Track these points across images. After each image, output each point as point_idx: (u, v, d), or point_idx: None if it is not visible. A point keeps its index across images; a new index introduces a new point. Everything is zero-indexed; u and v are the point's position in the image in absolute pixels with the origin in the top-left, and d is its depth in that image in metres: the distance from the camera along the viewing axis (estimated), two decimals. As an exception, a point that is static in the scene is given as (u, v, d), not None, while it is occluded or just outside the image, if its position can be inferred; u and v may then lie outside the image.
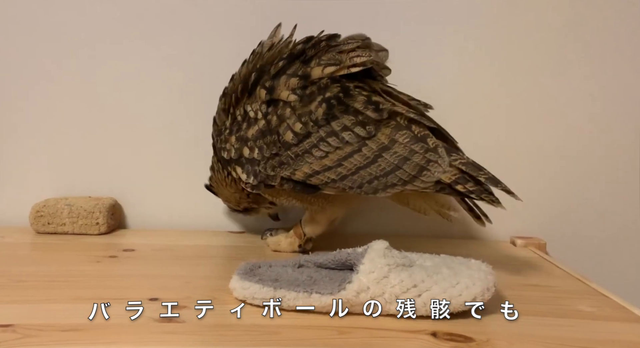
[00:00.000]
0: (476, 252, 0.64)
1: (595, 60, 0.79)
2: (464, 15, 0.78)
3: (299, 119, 0.57)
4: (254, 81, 0.60)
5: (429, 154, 0.55)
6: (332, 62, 0.58)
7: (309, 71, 0.58)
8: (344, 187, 0.57)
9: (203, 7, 0.77)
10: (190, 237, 0.75)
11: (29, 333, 0.41)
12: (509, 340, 0.43)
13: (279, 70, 0.59)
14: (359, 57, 0.58)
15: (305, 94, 0.57)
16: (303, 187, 0.59)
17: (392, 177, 0.56)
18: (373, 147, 0.56)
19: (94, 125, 0.79)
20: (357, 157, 0.56)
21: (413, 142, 0.56)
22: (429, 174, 0.55)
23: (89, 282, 0.54)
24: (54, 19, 0.77)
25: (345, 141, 0.56)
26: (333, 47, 0.59)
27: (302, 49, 0.59)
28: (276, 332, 0.43)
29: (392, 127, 0.56)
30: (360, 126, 0.56)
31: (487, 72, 0.79)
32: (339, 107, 0.56)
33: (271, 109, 0.59)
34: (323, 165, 0.57)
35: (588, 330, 0.46)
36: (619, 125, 0.80)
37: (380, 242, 0.50)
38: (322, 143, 0.56)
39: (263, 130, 0.59)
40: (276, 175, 0.59)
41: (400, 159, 0.55)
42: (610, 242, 0.82)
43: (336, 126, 0.56)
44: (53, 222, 0.73)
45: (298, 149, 0.57)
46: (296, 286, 0.48)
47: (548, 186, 0.81)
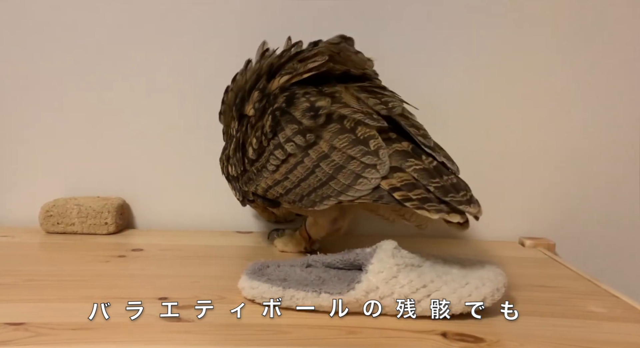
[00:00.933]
0: (485, 253, 0.64)
1: (603, 59, 0.78)
2: (465, 16, 0.77)
3: (254, 133, 0.57)
4: (232, 103, 0.62)
5: (366, 158, 0.51)
6: (289, 71, 0.57)
7: (268, 84, 0.58)
8: (289, 201, 0.57)
9: (211, 10, 0.77)
10: (198, 237, 0.75)
11: (41, 332, 0.41)
12: (519, 341, 0.42)
13: (250, 86, 0.59)
14: (314, 62, 0.56)
15: (260, 108, 0.57)
16: (266, 201, 0.60)
17: (326, 188, 0.53)
18: (313, 157, 0.53)
19: (103, 127, 0.80)
20: (300, 169, 0.54)
21: (351, 146, 0.52)
22: (365, 181, 0.51)
23: (98, 282, 0.54)
24: (64, 21, 0.77)
25: (289, 153, 0.54)
26: (297, 55, 0.58)
27: (270, 63, 0.59)
28: (285, 332, 0.43)
29: (333, 132, 0.53)
30: (300, 135, 0.53)
31: (493, 72, 0.79)
32: (283, 118, 0.54)
33: (240, 125, 0.60)
34: (274, 179, 0.56)
35: (599, 331, 0.46)
36: (628, 125, 0.79)
37: (389, 242, 0.49)
38: (272, 156, 0.56)
39: (235, 148, 0.60)
40: (248, 190, 0.60)
41: (335, 167, 0.52)
42: (620, 242, 0.81)
43: (281, 138, 0.55)
44: (62, 222, 0.74)
45: (258, 164, 0.57)
46: (305, 286, 0.48)
47: (557, 187, 0.81)
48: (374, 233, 0.80)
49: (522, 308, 0.50)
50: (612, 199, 0.81)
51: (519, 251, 0.74)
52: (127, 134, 0.80)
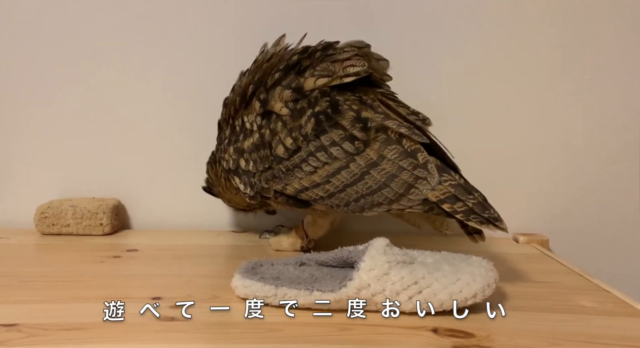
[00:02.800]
0: (478, 249, 0.64)
1: (598, 58, 0.78)
2: (464, 17, 0.78)
3: (289, 133, 0.56)
4: (251, 93, 0.60)
5: (417, 171, 0.54)
6: (325, 73, 0.57)
7: (302, 82, 0.57)
8: (331, 205, 0.57)
9: (206, 10, 0.77)
10: (192, 236, 0.75)
11: (34, 333, 0.41)
12: (509, 336, 0.43)
13: (274, 81, 0.58)
14: (352, 66, 0.57)
15: (296, 108, 0.57)
16: (295, 202, 0.60)
17: (378, 196, 0.55)
18: (361, 164, 0.54)
19: (98, 127, 0.80)
20: (344, 174, 0.55)
21: (402, 157, 0.54)
22: (417, 191, 0.54)
23: (93, 282, 0.55)
24: (59, 22, 0.77)
25: (334, 156, 0.55)
26: (328, 56, 0.58)
27: (298, 59, 0.58)
28: (278, 329, 0.43)
29: (381, 142, 0.54)
30: (348, 142, 0.54)
31: (489, 71, 0.79)
32: (327, 123, 0.55)
33: (264, 122, 0.58)
34: (312, 181, 0.57)
35: (590, 326, 0.46)
36: (622, 122, 0.80)
37: (381, 240, 0.50)
38: (311, 158, 0.56)
39: (257, 144, 0.59)
40: (270, 188, 0.59)
41: (387, 176, 0.54)
42: (613, 238, 0.82)
43: (325, 141, 0.55)
44: (57, 223, 0.74)
45: (289, 163, 0.57)
46: (297, 284, 0.48)
47: (550, 183, 0.81)
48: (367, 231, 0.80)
49: (514, 304, 0.50)
50: (606, 195, 0.81)
51: (513, 247, 0.75)
52: (122, 135, 0.80)
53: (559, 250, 0.78)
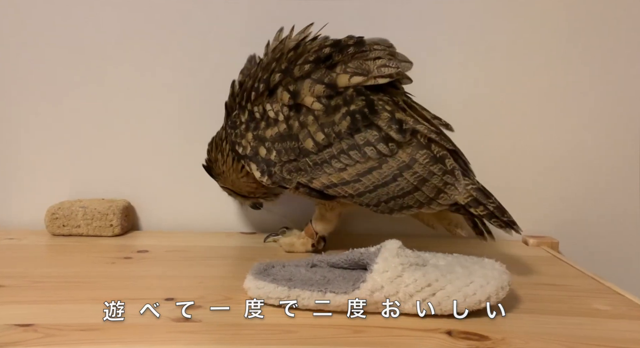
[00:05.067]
0: (489, 251, 0.64)
1: (612, 58, 0.78)
2: (470, 15, 0.78)
3: (321, 128, 0.56)
4: (277, 81, 0.59)
5: (446, 177, 0.55)
6: (359, 71, 0.57)
7: (335, 78, 0.57)
8: (360, 203, 0.58)
9: (212, 11, 0.78)
10: (203, 238, 0.76)
11: (50, 333, 0.41)
12: (523, 339, 0.43)
13: (303, 73, 0.58)
14: (386, 67, 0.57)
15: (330, 105, 0.56)
16: (319, 195, 0.60)
17: (409, 198, 0.56)
18: (393, 165, 0.55)
19: (108, 129, 0.80)
20: (376, 174, 0.56)
21: (432, 162, 0.55)
22: (445, 196, 0.55)
23: (105, 283, 0.55)
24: (69, 24, 0.78)
25: (367, 156, 0.55)
26: (360, 53, 0.58)
27: (329, 53, 0.58)
28: (291, 331, 0.43)
29: (413, 146, 0.55)
30: (383, 143, 0.55)
31: (498, 74, 0.79)
32: (363, 122, 0.56)
33: (293, 113, 0.58)
34: (341, 178, 0.57)
35: (603, 329, 0.46)
36: (635, 124, 0.79)
37: (394, 242, 0.50)
38: (343, 155, 0.56)
39: (283, 135, 0.58)
40: (292, 179, 0.59)
41: (419, 179, 0.55)
42: (624, 240, 0.81)
43: (359, 140, 0.56)
44: (68, 224, 0.74)
45: (317, 157, 0.57)
46: (310, 285, 0.48)
47: (560, 185, 0.81)
48: (377, 233, 0.80)
49: (527, 306, 0.50)
50: (616, 197, 0.81)
51: (523, 250, 0.74)
52: (132, 136, 0.80)
53: (568, 253, 0.78)
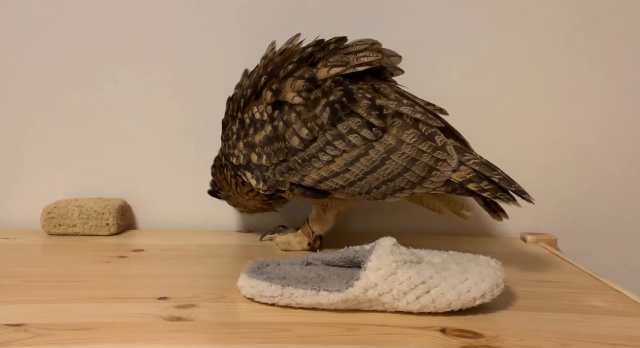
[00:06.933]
0: (486, 249, 0.64)
1: (610, 56, 0.78)
2: (471, 16, 0.77)
3: (304, 124, 0.56)
4: (262, 84, 0.60)
5: (437, 153, 0.54)
6: (339, 63, 0.57)
7: (315, 73, 0.57)
8: (352, 193, 0.57)
9: (210, 11, 0.77)
10: (198, 237, 0.75)
11: (41, 333, 0.41)
12: (518, 336, 0.42)
13: (287, 73, 0.58)
14: (366, 56, 0.57)
15: (310, 98, 0.57)
16: (313, 193, 0.59)
17: (400, 180, 0.55)
18: (380, 150, 0.55)
19: (104, 128, 0.80)
20: (364, 161, 0.55)
21: (420, 141, 0.54)
22: (438, 173, 0.54)
23: (100, 282, 0.55)
24: (65, 24, 0.77)
25: (352, 144, 0.55)
26: (341, 49, 0.59)
27: (311, 51, 0.59)
28: (285, 329, 0.43)
29: (398, 127, 0.55)
30: (366, 128, 0.55)
31: (498, 70, 0.78)
32: (343, 111, 0.56)
33: (277, 113, 0.58)
34: (330, 170, 0.57)
35: (600, 326, 0.45)
36: (633, 121, 0.79)
37: (388, 239, 0.49)
38: (329, 147, 0.56)
39: (270, 137, 0.59)
40: (285, 180, 0.59)
41: (408, 160, 0.54)
42: (622, 237, 0.81)
43: (342, 129, 0.55)
44: (64, 224, 0.74)
45: (305, 154, 0.57)
46: (304, 283, 0.48)
47: (559, 182, 0.80)
48: (374, 231, 0.80)
49: (523, 304, 0.50)
50: (614, 194, 0.81)
51: (521, 247, 0.74)
52: (128, 135, 0.80)
53: (567, 250, 0.77)
